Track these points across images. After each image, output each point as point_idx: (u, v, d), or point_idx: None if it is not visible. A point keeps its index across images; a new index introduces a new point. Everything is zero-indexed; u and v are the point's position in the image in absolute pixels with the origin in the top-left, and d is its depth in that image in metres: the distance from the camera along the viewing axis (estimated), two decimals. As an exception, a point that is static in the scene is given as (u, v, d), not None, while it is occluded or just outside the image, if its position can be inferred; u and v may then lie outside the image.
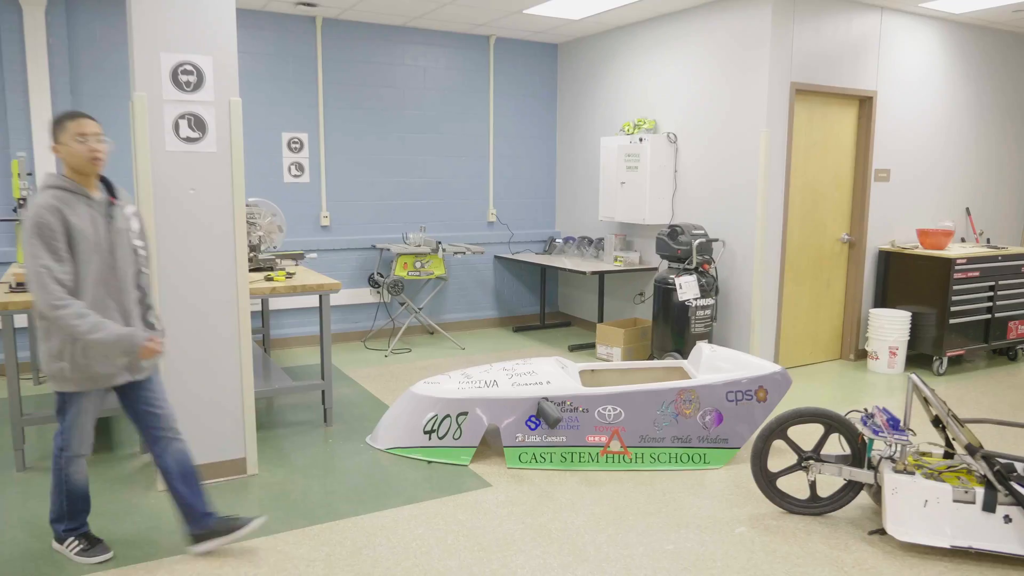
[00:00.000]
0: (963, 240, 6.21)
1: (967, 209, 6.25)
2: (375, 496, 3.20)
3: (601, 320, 6.15)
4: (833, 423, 3.02)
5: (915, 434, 3.01)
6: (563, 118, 6.90)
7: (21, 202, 4.54)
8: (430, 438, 3.65)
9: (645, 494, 3.26)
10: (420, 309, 6.31)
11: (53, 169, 4.97)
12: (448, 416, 3.63)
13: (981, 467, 2.74)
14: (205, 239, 3.18)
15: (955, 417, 2.85)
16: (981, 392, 4.92)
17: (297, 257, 4.81)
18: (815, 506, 3.06)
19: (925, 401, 2.95)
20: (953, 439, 2.89)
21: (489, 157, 6.69)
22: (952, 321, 5.24)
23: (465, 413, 3.61)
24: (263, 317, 5.52)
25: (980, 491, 2.72)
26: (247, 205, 4.57)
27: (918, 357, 5.53)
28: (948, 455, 3.03)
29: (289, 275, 4.17)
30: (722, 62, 5.19)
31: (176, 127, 3.07)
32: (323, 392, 4.09)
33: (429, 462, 3.60)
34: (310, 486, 3.31)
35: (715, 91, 5.26)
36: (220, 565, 2.63)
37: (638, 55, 5.93)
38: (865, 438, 2.93)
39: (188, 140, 3.10)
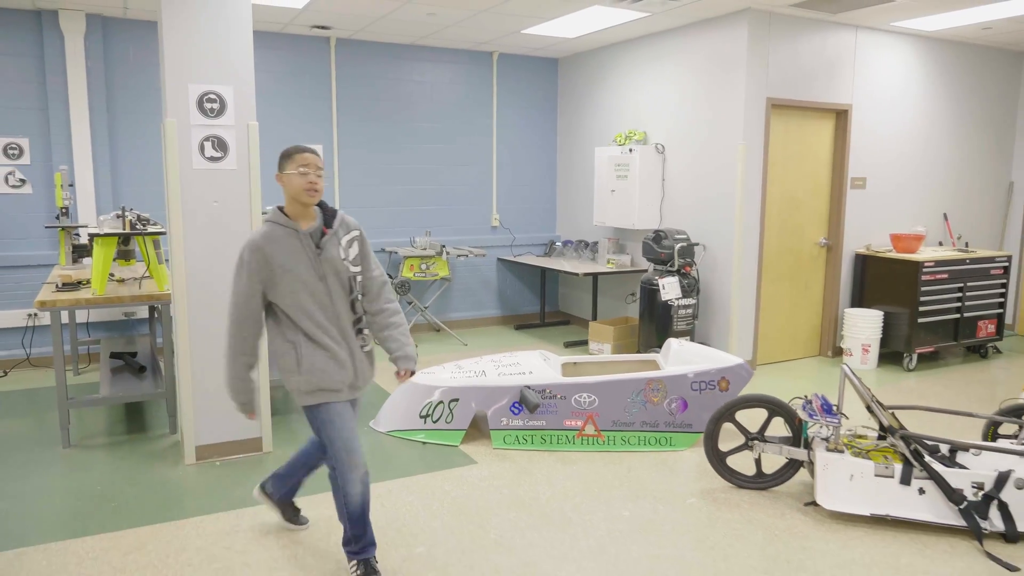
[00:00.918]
0: (940, 244, 6.52)
1: (944, 215, 6.55)
2: (374, 471, 3.64)
3: (595, 318, 6.56)
4: (775, 408, 3.40)
5: (847, 418, 3.38)
6: (563, 129, 7.31)
7: (64, 211, 5.05)
8: (425, 422, 4.08)
9: (612, 471, 3.66)
10: (426, 308, 6.75)
11: (91, 180, 5.50)
12: (441, 402, 4.06)
13: (900, 446, 3.11)
14: (227, 243, 3.65)
15: (879, 403, 3.22)
16: (945, 386, 5.24)
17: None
18: (760, 482, 3.45)
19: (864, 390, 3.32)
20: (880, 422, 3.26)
21: (492, 166, 7.12)
22: (921, 320, 5.57)
23: (456, 400, 4.04)
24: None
25: (899, 467, 3.10)
26: (264, 212, 5.03)
27: (891, 354, 5.86)
28: (882, 437, 3.40)
29: (302, 276, 4.63)
30: (703, 79, 5.58)
31: (201, 148, 3.54)
32: (331, 381, 4.54)
33: (424, 443, 4.03)
34: (317, 462, 3.76)
35: (698, 106, 5.65)
36: (237, 519, 3.09)
37: (630, 71, 6.33)
38: (801, 420, 3.31)
39: (212, 159, 3.57)
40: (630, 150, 6.00)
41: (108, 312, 5.70)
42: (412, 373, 2.64)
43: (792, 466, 3.41)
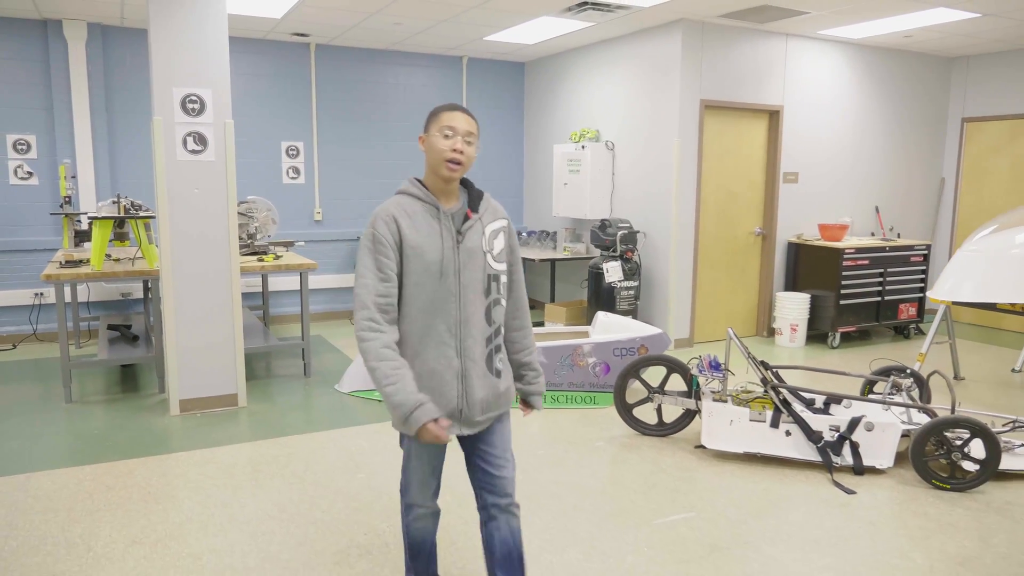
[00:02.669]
0: (872, 234, 7.07)
1: (876, 208, 7.11)
2: (331, 421, 4.23)
3: (552, 301, 7.13)
4: (672, 366, 3.97)
5: (733, 374, 3.95)
6: (528, 128, 7.89)
7: (67, 200, 5.62)
8: (381, 383, 4.66)
9: (538, 424, 4.24)
10: (398, 292, 7.34)
11: (91, 172, 6.10)
12: (396, 366, 4.64)
13: (772, 396, 3.68)
14: (207, 225, 4.23)
15: (762, 362, 3.79)
16: (861, 360, 5.80)
17: (288, 244, 5.87)
18: (661, 429, 4.02)
19: (754, 357, 3.89)
20: (762, 378, 3.83)
21: (462, 161, 7.69)
22: (843, 302, 6.13)
23: (408, 364, 4.62)
24: (263, 296, 6.58)
25: (770, 413, 3.67)
26: (246, 202, 5.62)
27: (819, 334, 6.41)
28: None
29: (277, 257, 5.21)
30: (645, 82, 6.14)
31: (184, 142, 4.12)
32: (303, 350, 5.13)
33: (380, 400, 4.61)
34: (284, 414, 4.35)
35: (642, 107, 6.22)
36: (212, 454, 3.66)
37: (584, 74, 6.90)
38: (692, 375, 3.88)
39: (193, 152, 4.15)
40: (582, 147, 6.57)
41: (107, 291, 6.29)
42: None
43: (688, 415, 3.98)
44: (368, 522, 2.99)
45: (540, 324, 6.97)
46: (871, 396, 3.98)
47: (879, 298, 6.34)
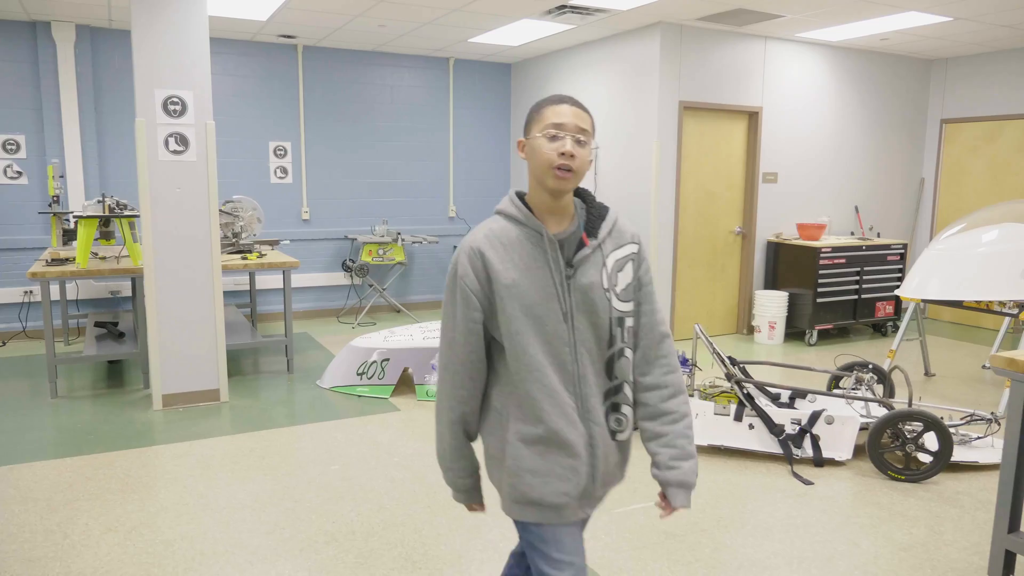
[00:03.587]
0: (852, 234, 7.17)
1: (856, 208, 7.21)
2: (311, 415, 4.32)
3: (537, 300, 7.23)
4: (641, 361, 4.07)
5: (700, 369, 4.05)
6: (515, 128, 7.98)
7: (55, 199, 5.72)
8: (361, 378, 4.76)
9: (513, 417, 4.33)
10: (385, 289, 7.43)
11: (80, 172, 6.20)
12: (375, 362, 4.74)
13: (736, 391, 3.78)
14: (189, 224, 4.32)
15: (729, 358, 3.89)
16: (837, 357, 5.89)
17: (273, 243, 5.96)
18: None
19: (719, 353, 3.99)
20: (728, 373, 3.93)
21: (450, 162, 7.79)
22: (820, 300, 6.23)
23: (388, 359, 4.72)
24: (251, 294, 6.67)
25: (734, 407, 3.76)
26: (232, 201, 5.72)
27: (798, 332, 6.51)
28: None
29: (261, 256, 5.31)
30: (626, 84, 6.24)
31: (166, 143, 4.22)
32: (286, 347, 5.23)
33: (359, 396, 4.71)
34: (265, 409, 4.45)
35: (623, 108, 6.31)
36: (191, 447, 3.76)
37: (568, 75, 7.00)
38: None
39: (175, 153, 4.24)
40: (565, 147, 6.66)
41: (96, 289, 6.38)
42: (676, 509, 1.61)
43: (656, 410, 4.07)
44: (337, 511, 3.09)
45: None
46: (835, 391, 4.08)
47: (856, 296, 6.44)
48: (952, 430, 3.73)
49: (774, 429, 3.69)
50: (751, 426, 3.74)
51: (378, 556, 2.73)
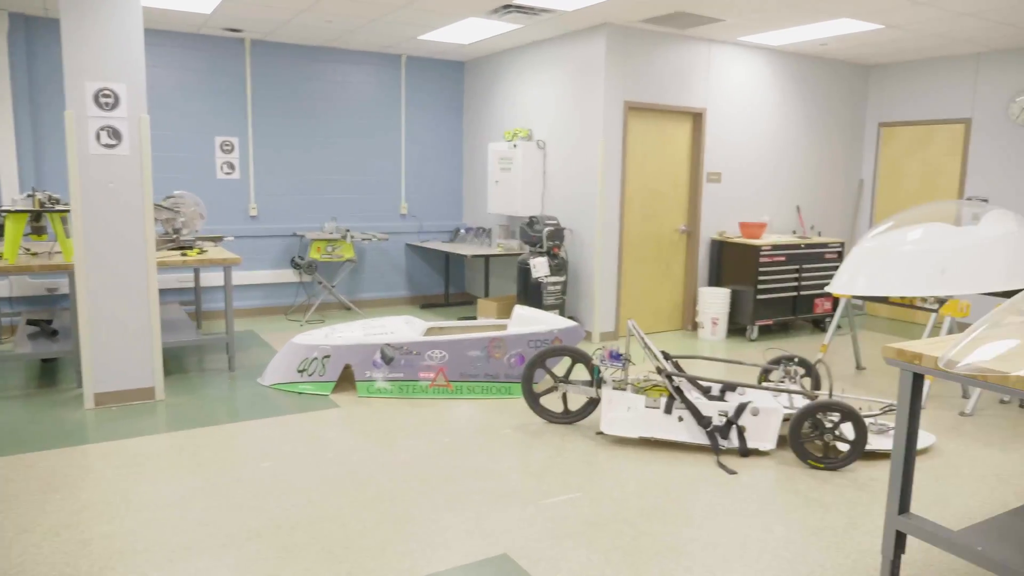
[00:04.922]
0: (794, 232, 7.37)
1: (798, 207, 7.41)
2: (249, 413, 4.29)
3: (487, 296, 7.26)
4: (576, 356, 4.14)
5: (634, 364, 4.13)
6: (467, 126, 8.00)
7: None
8: (302, 375, 4.74)
9: (452, 413, 4.37)
10: (333, 286, 7.39)
11: (15, 166, 6.02)
12: (316, 358, 4.72)
13: (666, 384, 3.87)
14: (122, 219, 4.25)
15: (662, 352, 3.97)
16: (768, 353, 6.06)
17: (216, 239, 5.89)
18: (567, 417, 4.18)
19: (649, 347, 4.07)
20: (658, 367, 4.02)
21: (401, 159, 7.77)
22: (760, 297, 6.39)
23: (328, 356, 4.70)
24: (196, 291, 6.57)
25: (664, 400, 3.85)
26: (172, 196, 5.63)
27: (739, 328, 6.67)
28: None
29: (201, 252, 5.24)
30: (573, 83, 6.32)
31: (98, 136, 4.14)
32: (227, 344, 5.17)
33: (300, 393, 4.69)
34: (203, 407, 4.40)
35: (570, 107, 6.39)
36: (121, 446, 3.70)
37: (518, 74, 7.04)
38: (594, 365, 4.05)
39: (107, 146, 4.17)
40: (514, 146, 6.71)
41: (31, 287, 6.22)
42: None
43: (592, 403, 4.15)
44: (263, 507, 3.08)
45: (473, 318, 7.10)
46: (764, 384, 4.20)
47: (796, 293, 6.62)
48: (871, 420, 3.88)
49: (702, 421, 3.78)
50: (680, 418, 3.84)
51: (301, 550, 2.73)
